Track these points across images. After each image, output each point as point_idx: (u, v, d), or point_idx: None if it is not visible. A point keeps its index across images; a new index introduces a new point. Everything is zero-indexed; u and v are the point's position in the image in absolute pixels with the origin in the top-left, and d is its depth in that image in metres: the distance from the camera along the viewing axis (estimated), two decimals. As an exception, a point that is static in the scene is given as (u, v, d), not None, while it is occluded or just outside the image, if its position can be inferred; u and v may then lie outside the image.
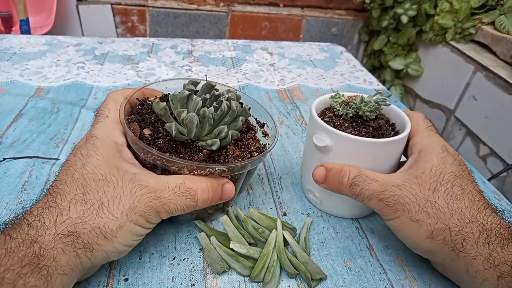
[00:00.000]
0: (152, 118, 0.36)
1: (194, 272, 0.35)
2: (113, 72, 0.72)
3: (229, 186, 0.34)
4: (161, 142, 0.33)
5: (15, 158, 0.46)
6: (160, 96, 0.40)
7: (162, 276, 0.34)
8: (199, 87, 0.37)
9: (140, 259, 0.35)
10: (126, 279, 0.33)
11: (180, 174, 0.32)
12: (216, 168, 0.32)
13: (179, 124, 0.33)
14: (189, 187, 0.31)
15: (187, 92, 0.33)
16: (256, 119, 0.42)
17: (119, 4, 1.47)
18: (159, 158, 0.31)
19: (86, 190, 0.28)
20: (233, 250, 0.35)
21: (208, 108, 0.32)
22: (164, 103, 0.33)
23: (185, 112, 0.32)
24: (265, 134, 0.41)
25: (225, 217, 0.38)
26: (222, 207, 0.39)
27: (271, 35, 1.65)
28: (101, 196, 0.28)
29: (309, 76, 0.80)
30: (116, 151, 0.31)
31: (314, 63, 0.87)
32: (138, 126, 0.34)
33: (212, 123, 0.33)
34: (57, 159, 0.47)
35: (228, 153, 0.34)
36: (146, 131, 0.34)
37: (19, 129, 0.52)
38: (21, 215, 0.27)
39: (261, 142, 0.39)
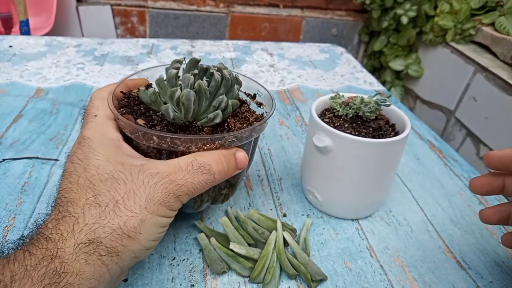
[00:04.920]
0: (142, 108, 0.35)
1: (194, 272, 0.35)
2: (113, 73, 0.72)
3: (242, 154, 0.33)
4: (158, 128, 0.32)
5: (14, 159, 0.46)
6: (145, 85, 0.39)
7: (161, 277, 0.34)
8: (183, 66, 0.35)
9: (139, 260, 0.35)
10: (126, 280, 0.33)
11: (189, 153, 0.30)
12: (224, 139, 0.31)
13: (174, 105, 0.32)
14: (202, 162, 0.29)
15: (174, 71, 0.32)
16: (245, 92, 0.40)
17: (119, 5, 1.47)
18: (163, 139, 0.29)
19: (97, 192, 0.27)
20: (233, 251, 0.35)
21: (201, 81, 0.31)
22: (153, 89, 0.32)
23: (179, 90, 0.30)
24: (259, 104, 0.39)
25: (224, 218, 0.38)
26: (234, 184, 0.37)
27: (271, 36, 1.64)
28: (113, 194, 0.27)
29: (309, 77, 0.80)
30: (114, 147, 0.30)
31: (314, 64, 0.87)
32: (132, 117, 0.33)
33: (209, 96, 0.32)
34: (56, 159, 0.47)
35: (230, 127, 0.33)
36: (140, 121, 0.33)
37: (19, 130, 0.52)
38: (35, 229, 0.26)
39: (257, 112, 0.38)
